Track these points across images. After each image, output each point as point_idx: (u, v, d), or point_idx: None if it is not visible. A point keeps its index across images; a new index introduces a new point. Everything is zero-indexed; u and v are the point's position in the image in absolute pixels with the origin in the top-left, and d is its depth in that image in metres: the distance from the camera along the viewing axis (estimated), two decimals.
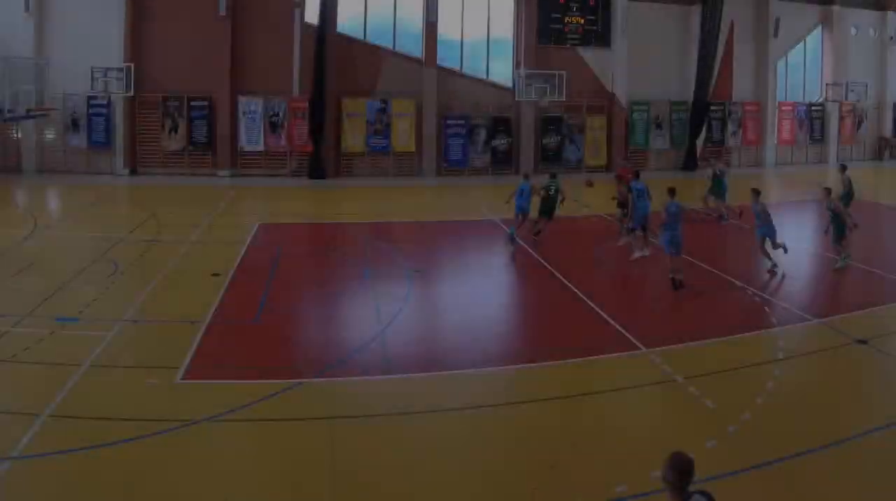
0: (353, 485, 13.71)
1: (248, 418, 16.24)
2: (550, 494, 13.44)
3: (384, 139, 55.96)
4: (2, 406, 16.31)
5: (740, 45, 63.02)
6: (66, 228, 35.74)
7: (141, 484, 13.40)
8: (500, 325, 23.44)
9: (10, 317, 22.18)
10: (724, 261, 31.19)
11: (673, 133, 61.51)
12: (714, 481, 13.56)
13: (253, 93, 54.35)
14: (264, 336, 21.67)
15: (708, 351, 20.63)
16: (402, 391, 18.02)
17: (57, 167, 53.75)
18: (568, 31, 58.99)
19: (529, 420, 16.52)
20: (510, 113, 58.36)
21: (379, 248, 32.15)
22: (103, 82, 50.68)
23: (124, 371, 18.81)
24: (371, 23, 56.85)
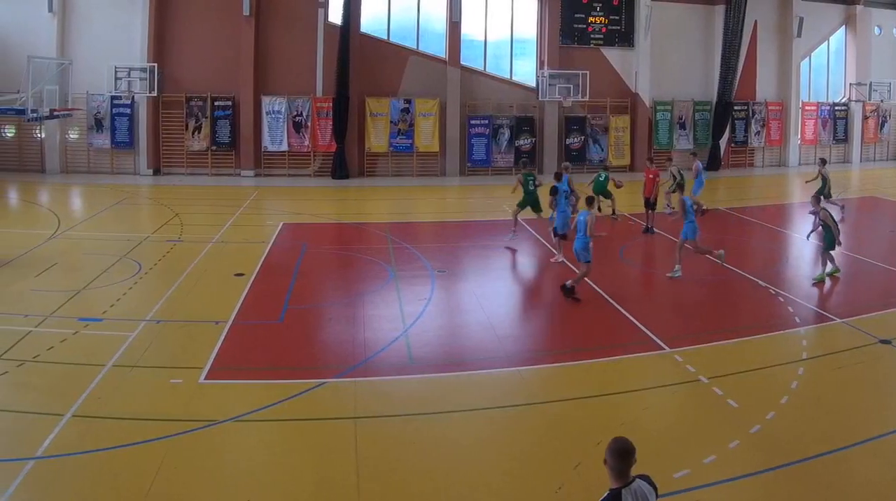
0: (379, 485, 13.73)
1: (271, 418, 16.28)
2: (574, 493, 13.44)
3: (408, 139, 55.90)
4: (25, 406, 16.36)
5: (763, 44, 62.79)
6: (89, 228, 35.74)
7: (164, 485, 13.41)
8: (523, 325, 23.45)
9: (34, 317, 22.26)
10: (746, 261, 31.01)
11: (696, 133, 61.28)
12: (737, 481, 13.72)
13: (276, 93, 54.35)
14: (288, 336, 21.70)
15: (731, 351, 20.62)
16: (426, 390, 18.08)
17: (80, 167, 53.92)
18: (591, 30, 58.83)
19: (553, 420, 16.53)
20: (534, 113, 58.23)
21: (402, 248, 32.08)
22: (127, 82, 50.67)
23: (148, 371, 18.83)
24: (394, 23, 56.84)
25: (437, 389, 17.82)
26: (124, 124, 53.44)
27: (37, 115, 32.15)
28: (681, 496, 13.27)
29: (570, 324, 23.58)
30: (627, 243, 33.83)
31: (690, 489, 13.49)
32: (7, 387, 17.55)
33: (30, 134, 53.13)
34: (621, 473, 9.05)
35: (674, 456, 14.59)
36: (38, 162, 53.60)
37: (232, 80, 53.80)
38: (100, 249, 30.79)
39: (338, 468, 14.26)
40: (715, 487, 13.63)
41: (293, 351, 20.39)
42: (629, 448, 9.08)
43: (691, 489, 13.49)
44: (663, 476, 13.54)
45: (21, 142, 53.44)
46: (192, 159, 54.68)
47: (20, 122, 50.14)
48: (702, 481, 13.77)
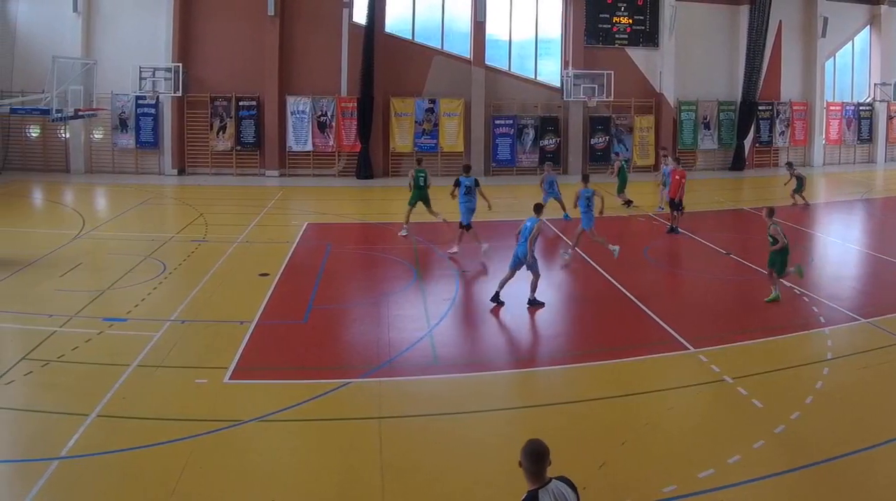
0: (403, 485, 13.75)
1: (296, 418, 16.30)
2: (599, 493, 13.44)
3: (432, 139, 55.90)
4: (50, 406, 16.38)
5: (788, 45, 62.60)
6: (114, 228, 35.80)
7: (189, 485, 13.44)
8: (548, 325, 23.38)
9: (59, 317, 22.31)
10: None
11: (721, 133, 61.12)
12: (762, 481, 13.71)
13: (301, 94, 54.43)
14: (312, 336, 21.71)
15: (756, 351, 20.62)
16: (450, 390, 18.09)
17: (105, 167, 54.07)
18: (616, 30, 58.73)
19: (577, 420, 16.56)
20: (558, 113, 58.12)
21: (427, 248, 32.03)
22: (151, 82, 50.80)
23: (172, 371, 18.86)
24: (419, 23, 56.87)
25: (461, 389, 17.81)
26: (149, 124, 53.61)
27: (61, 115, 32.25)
28: (705, 496, 13.29)
29: (594, 324, 23.61)
30: (652, 243, 33.75)
31: (715, 489, 13.49)
32: (32, 387, 17.59)
33: (54, 134, 53.32)
34: (536, 475, 9.18)
35: (698, 456, 14.62)
36: (62, 162, 53.76)
37: (257, 80, 53.91)
38: (124, 249, 30.86)
39: (362, 468, 14.29)
40: (739, 487, 13.61)
41: (317, 351, 20.40)
42: (543, 450, 9.20)
43: (716, 489, 13.50)
44: (688, 476, 13.67)
45: (46, 142, 53.61)
46: (216, 159, 54.78)
47: (45, 122, 50.32)
48: (726, 481, 13.76)
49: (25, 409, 16.33)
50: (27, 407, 16.45)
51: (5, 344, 20.85)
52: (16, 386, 17.62)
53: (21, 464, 14.13)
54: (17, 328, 21.76)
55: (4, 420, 15.95)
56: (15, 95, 47.05)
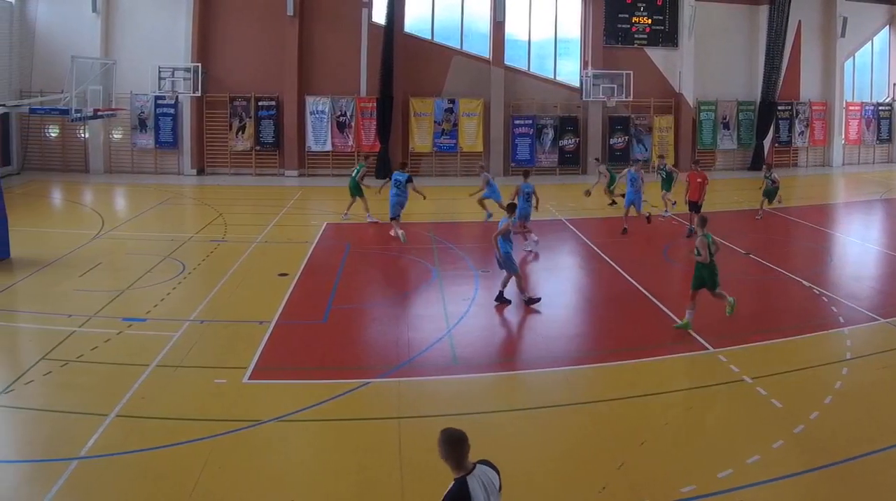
0: (422, 485, 13.77)
1: (315, 418, 16.33)
2: (618, 493, 13.48)
3: (451, 139, 55.88)
4: (69, 406, 16.41)
5: (807, 45, 62.42)
6: (133, 228, 35.86)
7: (208, 485, 13.47)
8: (567, 325, 23.38)
9: (78, 317, 22.38)
10: (790, 261, 30.93)
11: (740, 133, 61.00)
12: (781, 481, 13.74)
13: (320, 93, 54.52)
14: (331, 336, 21.68)
15: (775, 351, 20.64)
16: (469, 390, 18.10)
17: (124, 167, 54.24)
18: (635, 30, 58.63)
19: (597, 420, 16.59)
20: (578, 113, 58.09)
21: (446, 248, 32.03)
22: (171, 82, 50.91)
23: (192, 371, 18.90)
24: (438, 22, 56.86)
25: (480, 389, 17.82)
26: (168, 124, 53.75)
27: (81, 115, 32.26)
28: (724, 495, 13.33)
29: (613, 324, 23.60)
30: (671, 243, 33.69)
31: (734, 489, 13.52)
32: (51, 387, 17.62)
33: (74, 134, 53.49)
34: (458, 462, 9.15)
35: (717, 456, 14.65)
36: (81, 162, 53.94)
37: (276, 80, 53.97)
38: (143, 249, 30.90)
39: (381, 468, 14.33)
40: (758, 487, 13.64)
41: (337, 351, 20.39)
42: (459, 436, 9.17)
43: (735, 489, 13.52)
44: (707, 476, 13.71)
45: (65, 142, 53.75)
46: (235, 159, 54.89)
47: (64, 122, 50.50)
48: (745, 481, 13.78)
49: (45, 409, 16.36)
50: (46, 407, 16.48)
51: (25, 344, 20.94)
52: (35, 386, 17.67)
53: (40, 464, 14.14)
54: (37, 328, 21.82)
55: (24, 420, 16.00)
56: (34, 95, 47.27)
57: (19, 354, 20.24)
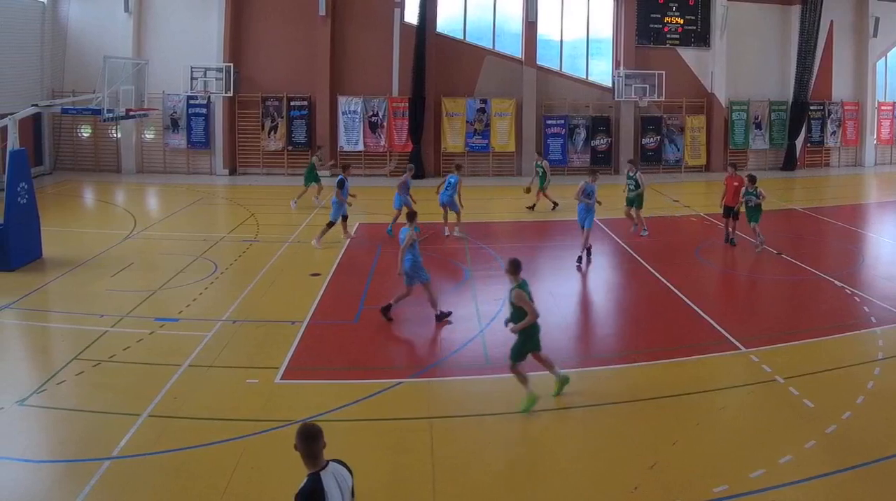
0: (454, 485, 13.90)
1: (347, 418, 16.41)
2: (650, 493, 13.54)
3: (484, 139, 55.76)
4: (101, 406, 16.49)
5: (839, 44, 62.04)
6: (165, 228, 36.01)
7: (240, 484, 13.57)
8: (599, 325, 23.43)
9: (110, 317, 22.50)
10: (822, 260, 30.85)
11: (772, 133, 60.75)
12: (813, 481, 13.76)
13: (352, 93, 54.46)
14: (363, 336, 21.78)
15: (808, 351, 20.63)
16: (501, 390, 18.05)
17: (156, 167, 54.35)
18: (667, 30, 58.41)
19: (629, 420, 16.65)
20: (610, 113, 57.86)
21: (478, 248, 31.98)
22: (203, 82, 51.00)
23: (224, 371, 18.98)
24: (471, 22, 56.73)
25: (512, 389, 17.73)
26: (200, 124, 53.84)
27: (113, 115, 32.30)
28: (757, 495, 13.38)
29: (645, 324, 23.57)
30: (703, 243, 33.57)
31: (766, 489, 13.55)
32: (83, 387, 17.71)
33: (106, 134, 53.63)
34: (313, 457, 9.22)
35: (750, 456, 14.67)
36: (114, 162, 54.10)
37: (308, 80, 54.04)
38: (176, 249, 30.99)
39: (413, 468, 14.44)
40: (791, 487, 13.66)
41: (368, 351, 20.45)
42: (314, 431, 9.24)
43: (767, 489, 13.55)
44: (739, 476, 13.77)
45: (97, 142, 53.91)
46: (267, 159, 54.96)
47: (96, 122, 50.66)
48: (778, 481, 13.82)
49: (77, 409, 16.44)
50: (79, 407, 16.58)
51: (57, 344, 21.03)
52: (67, 386, 17.76)
53: (73, 464, 14.21)
54: (69, 328, 21.91)
55: (56, 420, 16.08)
56: (66, 95, 47.37)
57: (52, 354, 20.32)
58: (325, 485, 9.02)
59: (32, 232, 29.27)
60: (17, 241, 28.16)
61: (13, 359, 20.11)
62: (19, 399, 16.84)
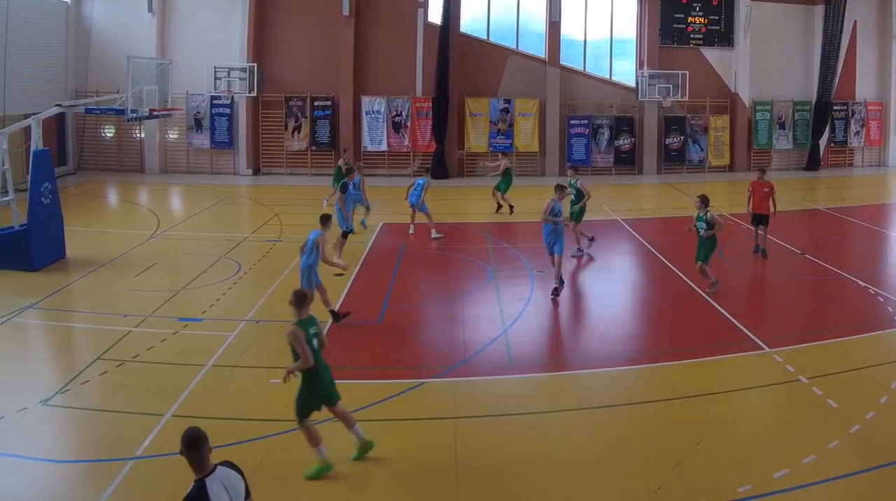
0: (477, 485, 13.91)
1: (371, 418, 16.39)
2: (674, 493, 13.54)
3: (507, 139, 55.64)
4: (125, 406, 16.53)
5: (863, 45, 61.78)
6: (188, 228, 36.13)
7: (264, 484, 13.55)
8: (623, 325, 23.37)
9: (134, 317, 22.57)
10: (845, 260, 30.77)
11: (796, 133, 60.58)
12: (837, 481, 13.72)
13: (376, 93, 54.54)
14: (387, 336, 21.84)
15: (831, 351, 20.56)
16: (525, 390, 18.15)
17: (180, 167, 54.57)
18: (691, 30, 58.30)
19: (653, 420, 16.63)
20: (633, 113, 57.81)
21: (502, 248, 31.94)
22: (226, 82, 51.06)
23: (247, 371, 19.05)
24: (494, 22, 56.76)
25: (536, 389, 17.81)
26: (224, 124, 53.96)
27: (136, 115, 32.33)
28: (780, 496, 13.36)
29: (669, 324, 23.56)
30: (727, 243, 33.45)
31: (790, 489, 13.52)
32: (107, 387, 17.77)
33: (129, 134, 53.80)
34: (198, 462, 9.19)
35: (773, 456, 14.65)
36: (137, 162, 54.30)
37: (331, 79, 54.11)
38: (199, 249, 31.04)
39: (437, 467, 14.46)
40: (815, 487, 13.63)
41: (392, 351, 20.47)
42: (198, 437, 9.22)
43: (791, 489, 13.52)
44: (763, 476, 13.75)
45: (121, 142, 54.12)
46: (291, 159, 55.07)
47: (120, 122, 50.69)
48: (801, 481, 13.78)
49: (100, 409, 16.50)
50: (102, 407, 16.63)
51: (81, 344, 21.09)
52: (91, 386, 17.82)
53: (96, 464, 14.26)
54: (93, 328, 21.97)
55: (80, 420, 16.14)
56: (90, 95, 47.51)
57: (75, 354, 20.39)
58: (210, 491, 9.01)
59: (56, 232, 29.35)
60: (40, 241, 28.26)
61: (37, 359, 20.20)
62: (43, 399, 16.88)
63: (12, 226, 28.52)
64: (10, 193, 28.53)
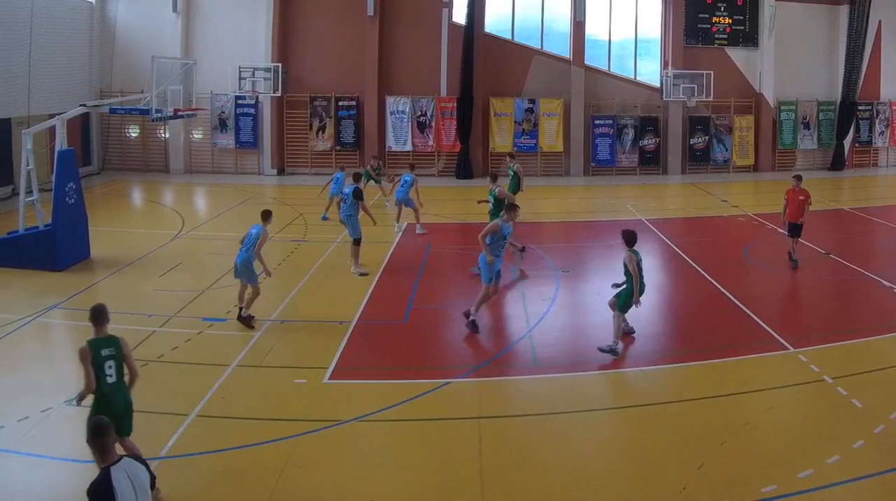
0: (503, 485, 13.89)
1: (395, 418, 16.49)
2: (698, 493, 13.54)
3: (532, 139, 55.69)
4: (149, 406, 16.47)
5: (888, 44, 61.49)
6: (213, 228, 36.24)
7: (288, 484, 13.66)
8: (647, 325, 23.21)
9: (158, 317, 22.63)
10: (870, 260, 30.71)
11: (820, 133, 60.38)
12: (862, 481, 13.71)
13: (401, 93, 54.64)
14: (412, 336, 21.83)
15: (856, 351, 20.53)
16: (550, 390, 18.10)
17: (204, 167, 54.76)
18: (715, 30, 58.20)
19: (677, 420, 16.63)
20: (658, 113, 57.77)
21: (527, 248, 31.90)
22: (251, 82, 51.08)
23: (272, 371, 19.08)
24: (519, 23, 56.81)
25: (561, 389, 17.80)
26: (248, 124, 54.15)
27: (161, 115, 32.37)
28: (805, 495, 13.35)
29: (694, 324, 23.52)
30: (751, 243, 33.37)
31: (815, 489, 13.51)
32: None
33: (154, 134, 54.12)
34: (103, 450, 9.29)
35: (798, 456, 14.67)
36: (162, 162, 54.56)
37: (356, 79, 54.20)
38: (224, 249, 30.94)
39: (462, 468, 14.44)
40: (839, 487, 13.62)
41: (417, 351, 20.46)
42: (103, 425, 9.34)
43: (815, 489, 13.51)
44: (787, 476, 13.80)
45: (145, 142, 54.41)
46: (316, 159, 55.15)
47: (144, 122, 51.04)
48: (826, 481, 13.77)
49: None
50: None
51: None
52: None
53: None
54: (117, 327, 21.62)
55: None
56: (115, 95, 47.67)
57: None
58: (114, 478, 9.08)
59: (80, 232, 29.45)
60: (65, 241, 28.37)
61: (61, 359, 20.21)
62: (67, 399, 16.89)
63: (37, 227, 28.61)
64: (35, 193, 28.61)
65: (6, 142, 42.15)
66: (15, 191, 39.48)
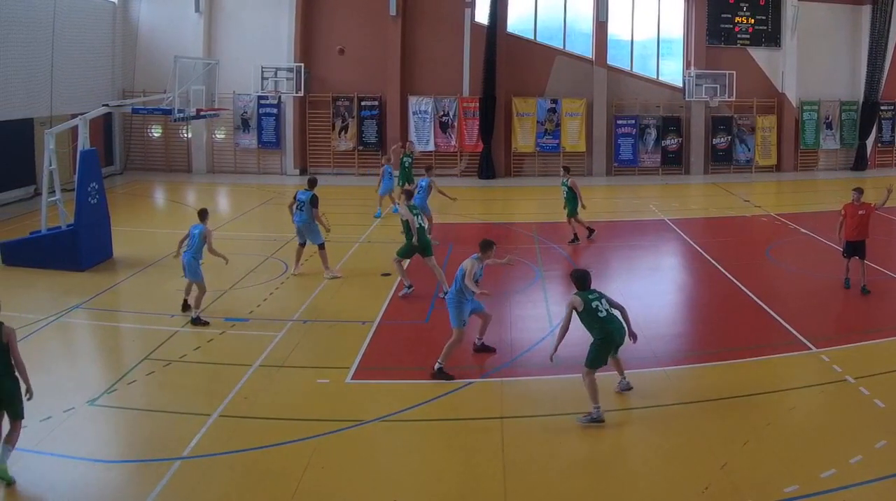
0: (525, 485, 13.90)
1: (418, 418, 16.52)
2: (721, 493, 13.52)
3: (554, 139, 55.55)
4: (172, 406, 16.59)
5: None
6: (235, 228, 36.27)
7: (311, 484, 13.70)
8: (669, 325, 23.29)
9: (181, 317, 22.68)
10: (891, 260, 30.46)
11: (843, 133, 60.16)
12: (884, 481, 13.68)
13: (423, 93, 54.59)
14: (434, 336, 21.58)
15: (878, 351, 20.45)
16: (572, 390, 17.92)
17: (227, 167, 54.87)
18: (738, 30, 58.05)
19: (699, 419, 16.61)
20: (680, 113, 57.57)
21: (549, 248, 31.84)
22: (273, 82, 51.10)
23: (294, 371, 19.10)
24: (541, 22, 56.66)
25: (583, 389, 17.66)
26: (271, 124, 54.22)
27: (183, 115, 32.40)
28: (828, 495, 13.32)
29: (716, 324, 23.51)
30: (774, 243, 33.29)
31: (837, 489, 13.47)
32: (154, 387, 17.87)
33: (176, 134, 54.25)
34: None
35: (820, 456, 14.63)
36: (184, 162, 54.70)
37: (378, 79, 54.20)
38: (246, 249, 31.09)
39: (484, 468, 14.46)
40: (862, 487, 13.58)
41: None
42: None
43: (838, 489, 13.47)
44: (809, 476, 13.81)
45: (168, 142, 54.57)
46: (338, 159, 55.21)
47: (167, 122, 51.04)
48: (848, 481, 13.73)
49: (147, 409, 16.61)
50: (149, 407, 16.73)
51: (128, 344, 21.23)
52: (138, 386, 17.92)
53: (143, 464, 14.33)
54: (140, 328, 22.09)
55: (127, 420, 16.25)
56: (137, 95, 47.84)
57: (122, 354, 20.56)
58: None
59: (103, 232, 29.53)
60: (87, 241, 28.45)
61: (84, 359, 20.35)
62: (90, 398, 16.95)
63: (60, 227, 28.72)
64: (58, 193, 28.71)
65: (29, 142, 42.29)
66: (37, 191, 39.61)
